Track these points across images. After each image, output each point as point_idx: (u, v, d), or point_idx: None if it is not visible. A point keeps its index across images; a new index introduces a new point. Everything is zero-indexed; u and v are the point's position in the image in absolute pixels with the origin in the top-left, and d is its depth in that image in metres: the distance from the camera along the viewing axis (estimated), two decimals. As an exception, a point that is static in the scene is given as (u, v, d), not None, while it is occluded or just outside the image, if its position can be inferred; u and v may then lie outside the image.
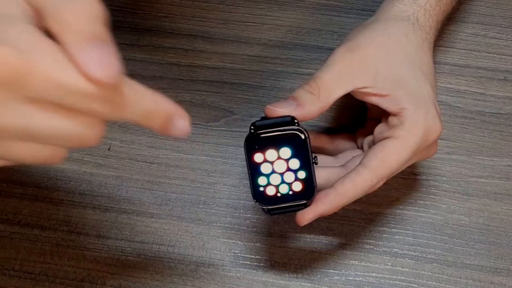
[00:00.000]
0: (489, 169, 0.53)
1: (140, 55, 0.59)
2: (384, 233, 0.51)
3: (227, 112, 0.56)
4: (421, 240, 0.51)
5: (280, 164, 0.42)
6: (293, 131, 0.41)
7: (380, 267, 0.50)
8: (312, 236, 0.51)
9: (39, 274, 0.50)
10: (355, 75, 0.44)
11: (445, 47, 0.59)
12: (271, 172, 0.42)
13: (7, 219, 0.52)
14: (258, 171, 0.42)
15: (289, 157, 0.42)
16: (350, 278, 0.49)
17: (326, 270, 0.50)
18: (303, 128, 0.42)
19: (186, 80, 0.57)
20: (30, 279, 0.49)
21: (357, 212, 0.52)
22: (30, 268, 0.50)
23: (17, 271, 0.50)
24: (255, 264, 0.50)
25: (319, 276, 0.49)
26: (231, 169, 0.53)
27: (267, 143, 0.41)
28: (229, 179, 0.53)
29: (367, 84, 0.44)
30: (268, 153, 0.41)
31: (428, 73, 0.46)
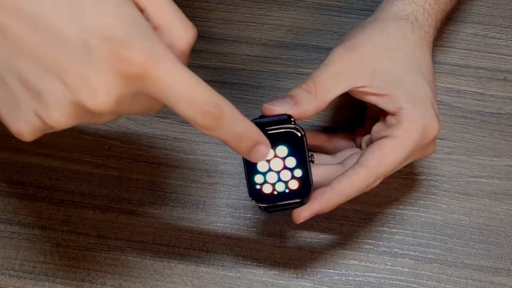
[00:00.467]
0: (489, 169, 0.53)
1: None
2: (384, 233, 0.51)
3: (227, 112, 0.56)
4: (421, 240, 0.51)
5: (277, 162, 0.42)
6: (289, 130, 0.41)
7: (380, 267, 0.50)
8: (312, 236, 0.51)
9: (39, 274, 0.50)
10: (353, 74, 0.44)
11: (445, 47, 0.59)
12: (267, 170, 0.42)
13: (7, 219, 0.52)
14: (255, 169, 0.42)
15: (285, 155, 0.42)
16: (350, 278, 0.49)
17: (326, 270, 0.50)
18: (299, 127, 0.42)
19: (186, 80, 0.57)
20: (30, 279, 0.49)
21: (357, 212, 0.52)
22: (30, 268, 0.50)
23: (17, 271, 0.50)
24: (255, 264, 0.50)
25: (319, 276, 0.49)
26: (231, 169, 0.53)
27: None
28: (229, 179, 0.53)
29: (365, 83, 0.44)
30: None
31: (426, 72, 0.46)
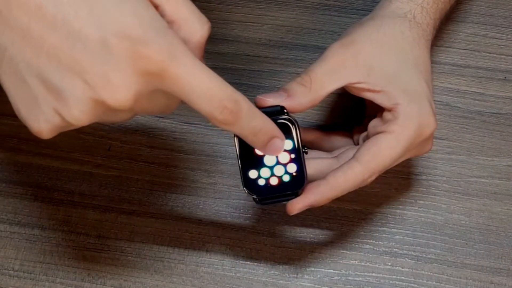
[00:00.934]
0: (489, 169, 0.53)
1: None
2: (384, 233, 0.51)
3: (227, 112, 0.56)
4: (421, 240, 0.51)
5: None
6: (283, 120, 0.41)
7: (380, 267, 0.50)
8: (312, 236, 0.51)
9: (39, 274, 0.50)
10: (348, 70, 0.44)
11: (445, 47, 0.59)
12: (261, 162, 0.42)
13: (7, 219, 0.52)
14: (249, 161, 0.42)
15: None
16: (350, 278, 0.49)
17: (326, 270, 0.50)
18: (293, 118, 0.41)
19: (186, 80, 0.57)
20: (30, 279, 0.49)
21: (357, 212, 0.52)
22: (30, 268, 0.50)
23: (17, 271, 0.50)
24: (255, 264, 0.50)
25: (319, 276, 0.49)
26: (231, 169, 0.53)
27: None
28: (229, 179, 0.53)
29: (361, 79, 0.44)
30: None
31: (423, 70, 0.46)
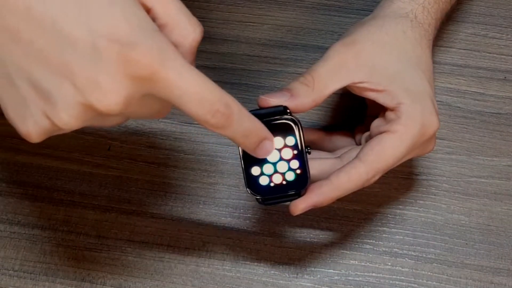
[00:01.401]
0: (489, 169, 0.53)
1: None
2: (384, 233, 0.51)
3: (227, 112, 0.56)
4: (421, 240, 0.51)
5: (273, 154, 0.41)
6: (285, 121, 0.41)
7: (380, 267, 0.50)
8: (312, 236, 0.51)
9: (39, 274, 0.50)
10: (351, 70, 0.44)
11: (445, 47, 0.59)
12: (264, 162, 0.42)
13: (7, 219, 0.52)
14: (252, 161, 0.41)
15: (282, 147, 0.41)
16: (350, 278, 0.49)
17: (326, 270, 0.50)
18: (295, 118, 0.41)
19: (186, 80, 0.57)
20: (30, 279, 0.49)
21: (357, 212, 0.52)
22: (30, 268, 0.50)
23: (17, 271, 0.50)
24: (255, 264, 0.50)
25: (319, 276, 0.49)
26: (231, 169, 0.53)
27: None
28: (229, 179, 0.53)
29: (363, 79, 0.44)
30: None
31: (426, 69, 0.46)
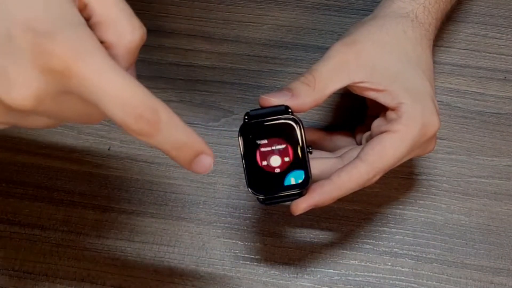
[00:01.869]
0: (489, 169, 0.53)
1: (140, 55, 0.58)
2: (384, 233, 0.51)
3: (227, 112, 0.56)
4: (421, 240, 0.51)
5: (275, 153, 0.42)
6: (287, 120, 0.41)
7: (380, 267, 0.50)
8: (312, 236, 0.51)
9: (39, 274, 0.50)
10: (352, 69, 0.44)
11: (445, 47, 0.59)
12: (266, 161, 0.42)
13: (7, 219, 0.52)
14: (253, 160, 0.42)
15: (283, 147, 0.41)
16: (350, 278, 0.49)
17: (326, 270, 0.50)
18: (297, 117, 0.42)
19: (186, 80, 0.57)
20: (30, 279, 0.49)
21: (357, 212, 0.52)
22: (30, 268, 0.50)
23: (17, 271, 0.50)
24: (255, 264, 0.50)
25: (319, 276, 0.49)
26: (231, 169, 0.53)
27: (261, 132, 0.41)
28: (229, 179, 0.53)
29: (364, 78, 0.44)
30: (262, 142, 0.41)
31: (426, 69, 0.46)
